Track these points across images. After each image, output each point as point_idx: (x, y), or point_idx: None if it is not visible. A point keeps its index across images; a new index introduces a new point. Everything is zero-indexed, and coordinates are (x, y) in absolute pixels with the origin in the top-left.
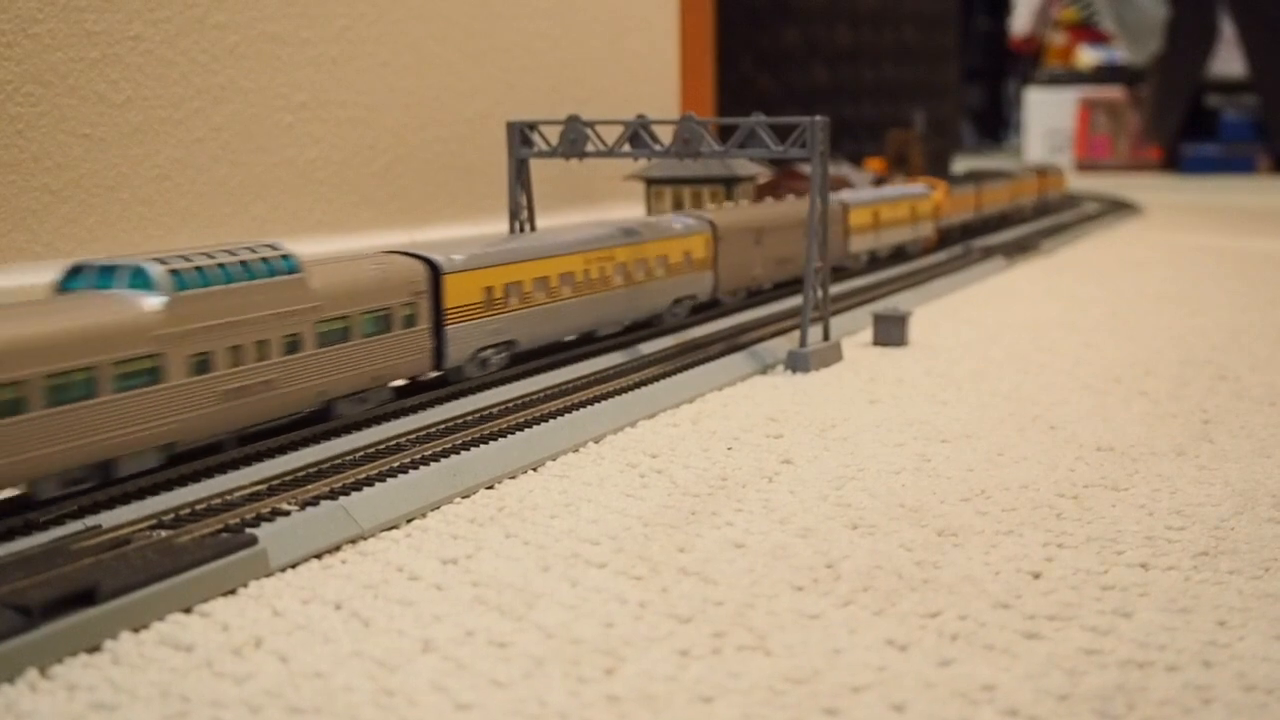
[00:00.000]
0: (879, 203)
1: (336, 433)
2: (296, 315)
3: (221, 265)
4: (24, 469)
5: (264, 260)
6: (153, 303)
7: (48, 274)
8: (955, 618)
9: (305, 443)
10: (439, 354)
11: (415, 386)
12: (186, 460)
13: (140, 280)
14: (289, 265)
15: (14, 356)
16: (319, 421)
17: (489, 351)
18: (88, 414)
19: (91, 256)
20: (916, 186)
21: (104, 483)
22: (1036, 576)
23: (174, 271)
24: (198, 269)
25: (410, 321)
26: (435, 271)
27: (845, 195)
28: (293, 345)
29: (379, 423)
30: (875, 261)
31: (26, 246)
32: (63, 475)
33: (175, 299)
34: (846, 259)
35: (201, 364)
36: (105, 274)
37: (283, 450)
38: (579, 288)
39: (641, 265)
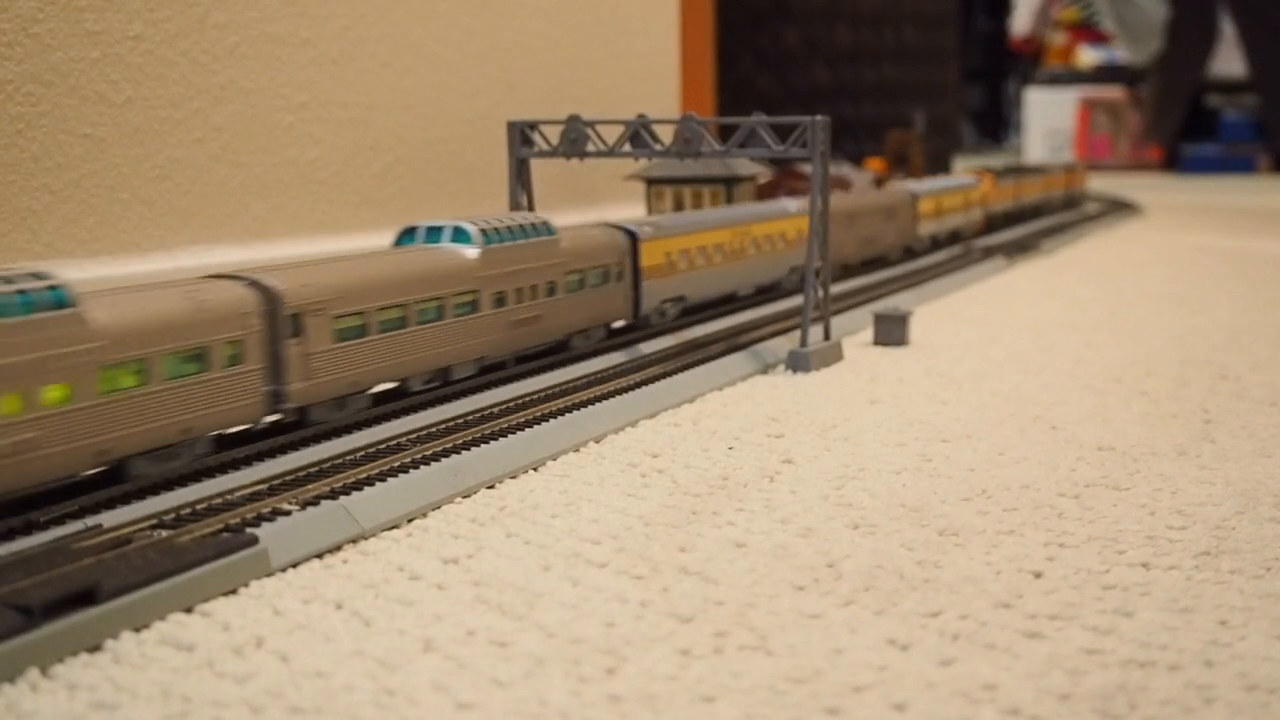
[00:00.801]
0: (941, 193)
1: (337, 432)
2: (554, 267)
3: (509, 227)
4: (404, 369)
5: (534, 225)
6: (472, 253)
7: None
8: (956, 617)
9: (305, 442)
10: (636, 304)
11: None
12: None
13: (461, 236)
14: (549, 230)
15: (397, 287)
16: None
17: (667, 304)
18: (437, 333)
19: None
20: (967, 178)
21: (106, 481)
22: (1038, 576)
23: (483, 230)
24: (496, 229)
25: (620, 277)
26: (634, 240)
27: (911, 186)
28: (551, 290)
29: (379, 423)
30: (935, 244)
31: (27, 246)
32: (422, 377)
33: (486, 250)
34: (916, 241)
35: (500, 300)
36: (433, 232)
37: (283, 450)
38: (727, 256)
39: (768, 239)
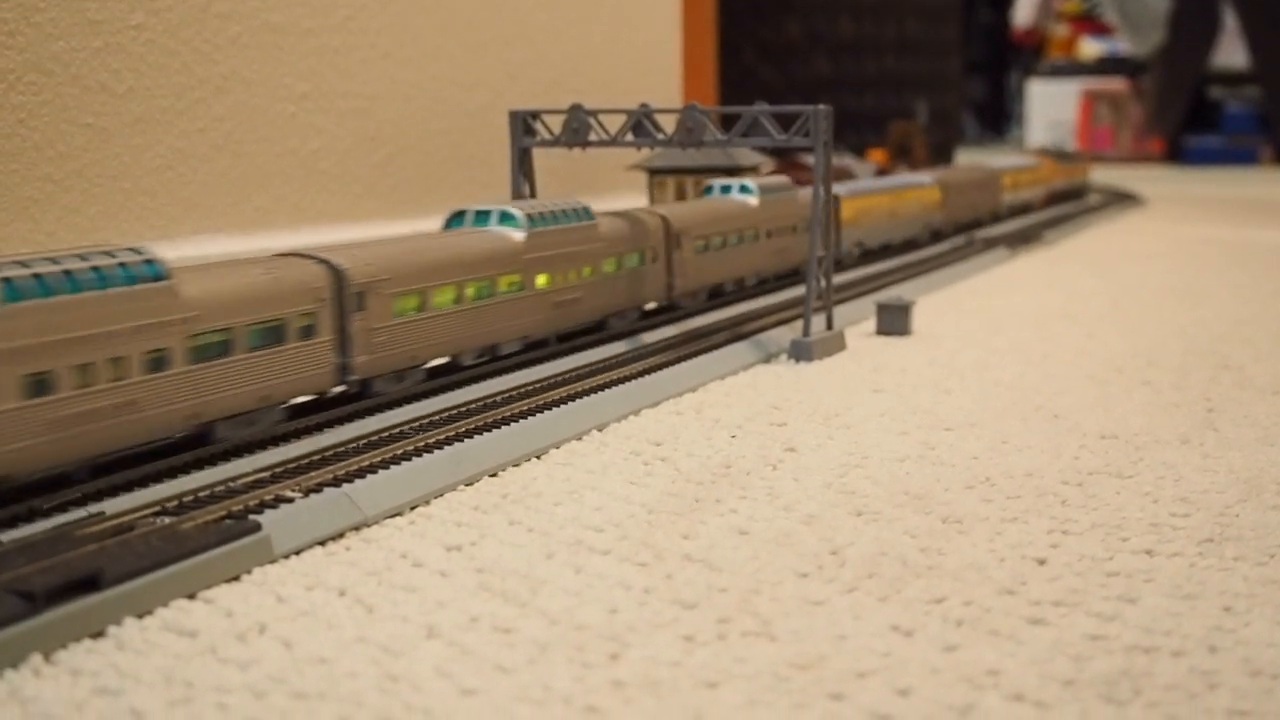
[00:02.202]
0: (1017, 171)
1: (340, 420)
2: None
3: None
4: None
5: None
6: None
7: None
8: (960, 604)
9: (309, 430)
10: (839, 245)
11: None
12: (191, 448)
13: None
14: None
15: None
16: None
17: (855, 247)
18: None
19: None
20: (1033, 159)
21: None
22: (1041, 563)
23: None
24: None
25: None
26: (837, 198)
27: (994, 164)
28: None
29: (383, 410)
30: (1011, 211)
31: (29, 236)
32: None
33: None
34: (1001, 209)
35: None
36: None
37: (286, 438)
38: (887, 214)
39: (912, 202)
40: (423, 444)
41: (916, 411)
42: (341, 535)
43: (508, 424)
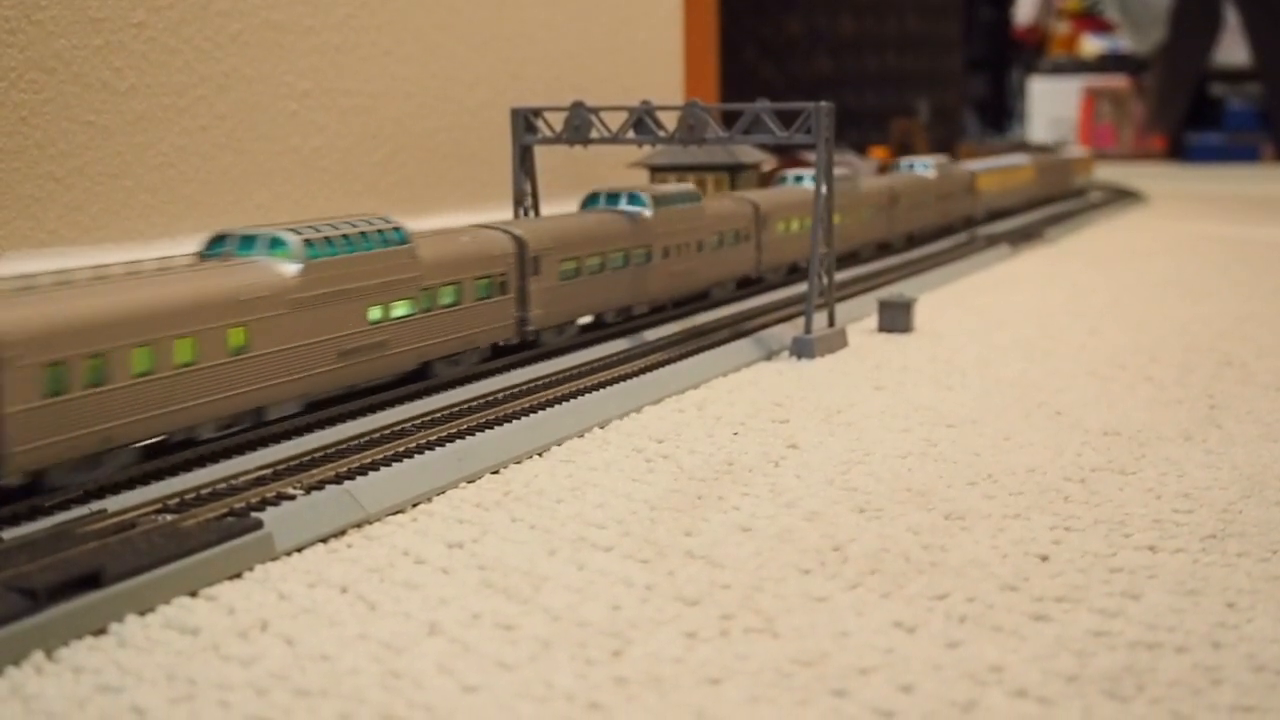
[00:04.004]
0: (1075, 160)
1: (343, 417)
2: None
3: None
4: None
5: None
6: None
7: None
8: (963, 600)
9: (311, 427)
10: (971, 215)
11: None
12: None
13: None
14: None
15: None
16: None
17: (983, 213)
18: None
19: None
20: (1080, 152)
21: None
22: (1044, 559)
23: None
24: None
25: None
26: (973, 174)
27: (1063, 154)
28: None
29: (385, 408)
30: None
31: (30, 234)
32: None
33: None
34: (1070, 190)
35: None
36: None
37: (288, 435)
38: (1002, 186)
39: (1018, 178)
40: (424, 441)
41: (918, 408)
42: (343, 532)
43: (510, 421)
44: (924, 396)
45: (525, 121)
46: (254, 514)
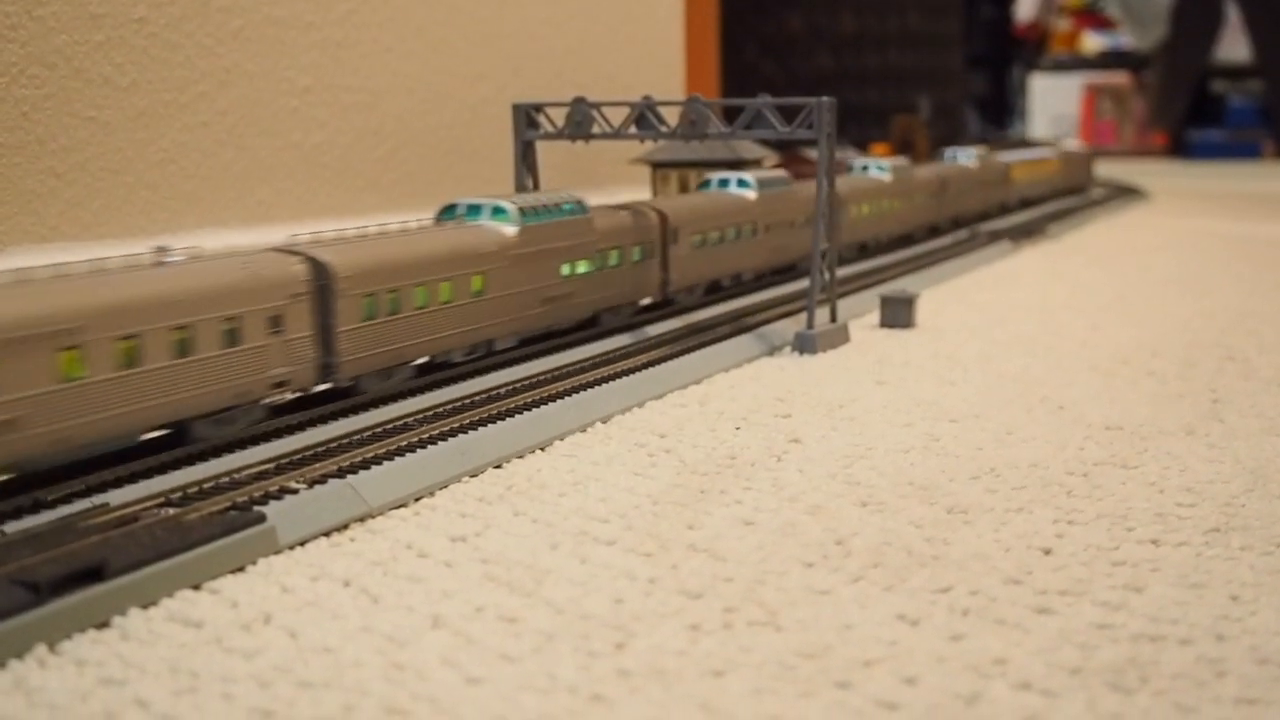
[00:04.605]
0: (1094, 154)
1: (345, 412)
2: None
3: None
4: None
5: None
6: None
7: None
8: (966, 593)
9: (313, 422)
10: (1005, 200)
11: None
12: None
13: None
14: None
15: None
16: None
17: (1016, 200)
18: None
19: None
20: (1083, 146)
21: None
22: (1047, 553)
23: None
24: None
25: (1002, 183)
26: (1008, 165)
27: (1086, 149)
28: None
29: (387, 402)
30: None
31: (31, 229)
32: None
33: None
34: (1089, 181)
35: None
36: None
37: (290, 430)
38: (1031, 176)
39: (1046, 168)
40: (427, 435)
41: (921, 403)
42: (346, 526)
43: (512, 416)
44: (926, 391)
45: (527, 117)
46: (257, 508)
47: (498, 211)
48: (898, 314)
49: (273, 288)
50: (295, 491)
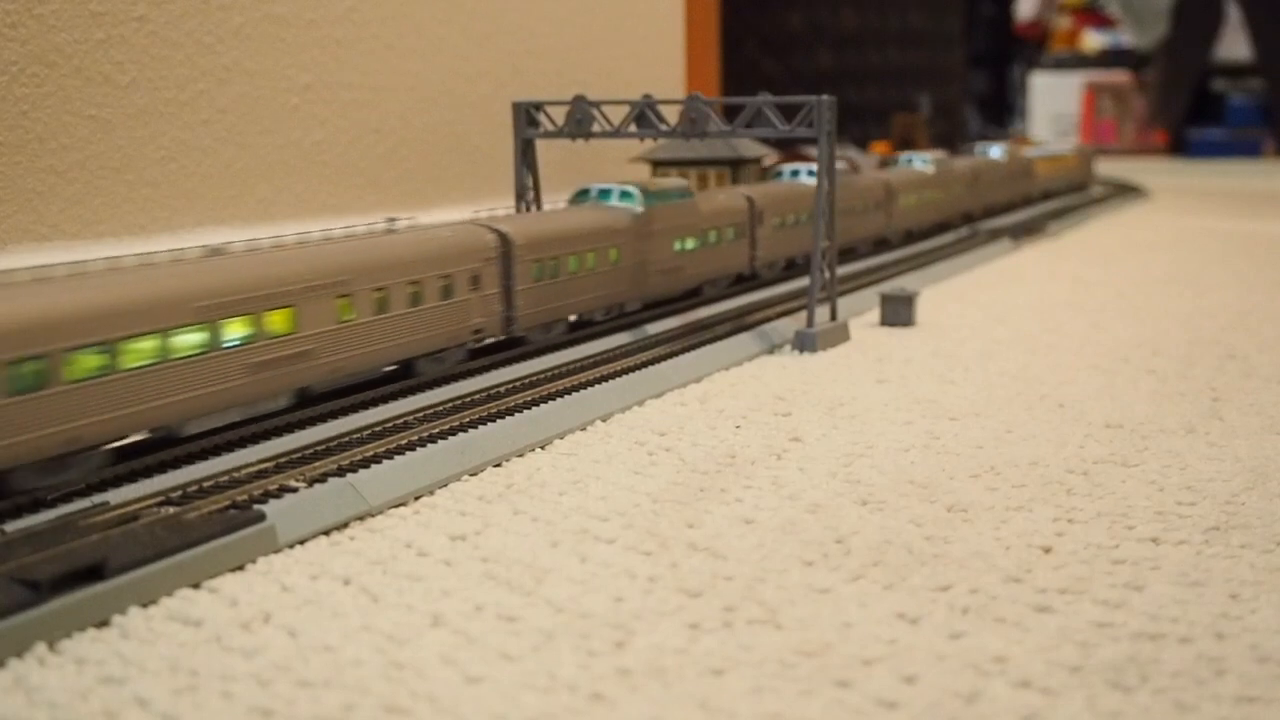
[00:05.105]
0: (1097, 152)
1: (344, 411)
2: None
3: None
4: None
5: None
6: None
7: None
8: (966, 591)
9: (313, 420)
10: (1032, 191)
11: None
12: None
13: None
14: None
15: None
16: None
17: (1039, 192)
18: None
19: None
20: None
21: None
22: (1047, 551)
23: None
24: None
25: (1027, 175)
26: (1031, 160)
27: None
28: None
29: (387, 401)
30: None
31: (32, 227)
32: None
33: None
34: (1090, 179)
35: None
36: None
37: (290, 428)
38: (1050, 170)
39: (1063, 167)
40: (427, 434)
41: (921, 401)
42: (346, 525)
43: (512, 414)
44: (926, 389)
45: (527, 115)
46: (256, 506)
47: (625, 195)
48: (898, 312)
49: (474, 252)
50: (295, 490)
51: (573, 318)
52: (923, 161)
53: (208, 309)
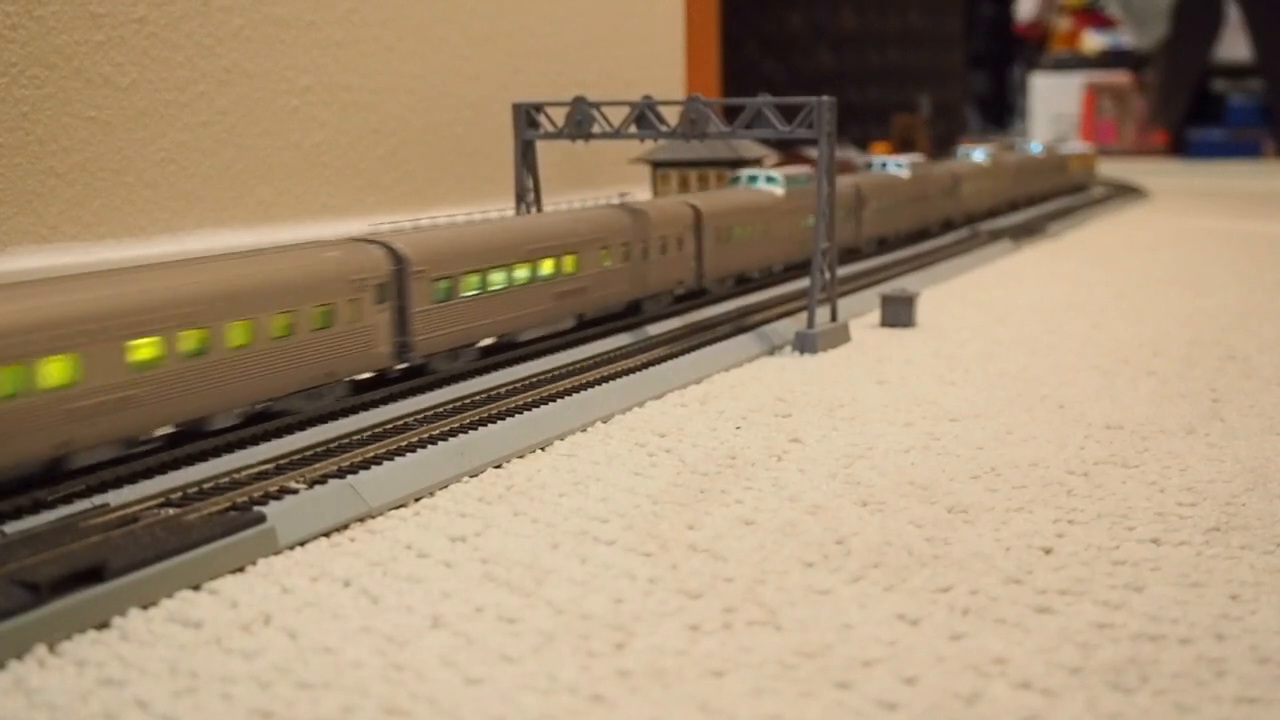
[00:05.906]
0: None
1: (344, 412)
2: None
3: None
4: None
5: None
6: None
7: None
8: (966, 593)
9: (313, 421)
10: (1063, 184)
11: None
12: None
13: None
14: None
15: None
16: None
17: (1067, 185)
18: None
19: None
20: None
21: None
22: (1048, 552)
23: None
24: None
25: (1063, 169)
26: (1065, 157)
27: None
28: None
29: (386, 403)
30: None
31: (31, 229)
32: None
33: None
34: (1091, 178)
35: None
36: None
37: (290, 429)
38: (1077, 166)
39: (1086, 161)
40: (427, 435)
41: (921, 402)
42: (346, 526)
43: (512, 415)
44: (927, 391)
45: (527, 116)
46: (256, 508)
47: (770, 179)
48: (898, 313)
49: (681, 219)
50: (295, 491)
51: (746, 271)
52: (980, 154)
53: (532, 250)
